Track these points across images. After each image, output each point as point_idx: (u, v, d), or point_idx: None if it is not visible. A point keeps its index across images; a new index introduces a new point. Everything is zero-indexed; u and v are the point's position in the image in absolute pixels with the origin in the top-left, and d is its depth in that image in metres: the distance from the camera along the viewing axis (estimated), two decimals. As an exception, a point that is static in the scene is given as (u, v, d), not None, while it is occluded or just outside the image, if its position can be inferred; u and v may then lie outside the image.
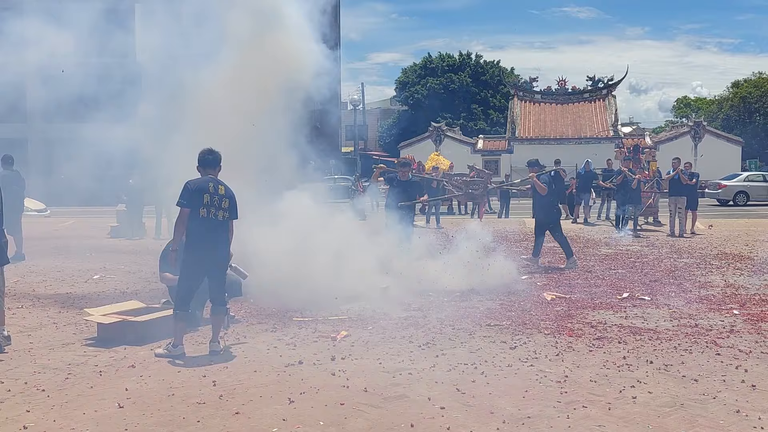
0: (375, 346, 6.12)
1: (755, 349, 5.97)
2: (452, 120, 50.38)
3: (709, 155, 36.35)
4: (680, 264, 11.24)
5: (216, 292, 6.12)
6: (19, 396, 4.85)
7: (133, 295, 8.54)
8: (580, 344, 6.15)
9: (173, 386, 5.05)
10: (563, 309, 7.69)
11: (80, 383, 5.13)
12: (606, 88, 42.24)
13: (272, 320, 7.20)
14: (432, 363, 5.59)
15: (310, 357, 5.77)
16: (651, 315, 7.40)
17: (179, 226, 5.95)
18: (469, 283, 8.76)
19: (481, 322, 7.03)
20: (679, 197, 15.69)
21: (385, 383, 5.09)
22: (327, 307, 7.58)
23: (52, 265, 11.13)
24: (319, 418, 4.39)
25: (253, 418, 4.42)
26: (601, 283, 9.43)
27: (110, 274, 10.34)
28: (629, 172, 16.03)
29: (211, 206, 5.93)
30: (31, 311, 7.71)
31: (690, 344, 6.14)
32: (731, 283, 9.40)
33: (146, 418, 4.41)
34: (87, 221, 19.81)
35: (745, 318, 7.20)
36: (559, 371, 5.34)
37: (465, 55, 61.18)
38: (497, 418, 4.39)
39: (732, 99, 58.43)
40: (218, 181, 6.10)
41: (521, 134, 40.41)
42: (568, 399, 4.73)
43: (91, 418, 4.42)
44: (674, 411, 4.51)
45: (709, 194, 29.62)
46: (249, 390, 4.96)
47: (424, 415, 4.45)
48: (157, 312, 6.78)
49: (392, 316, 7.30)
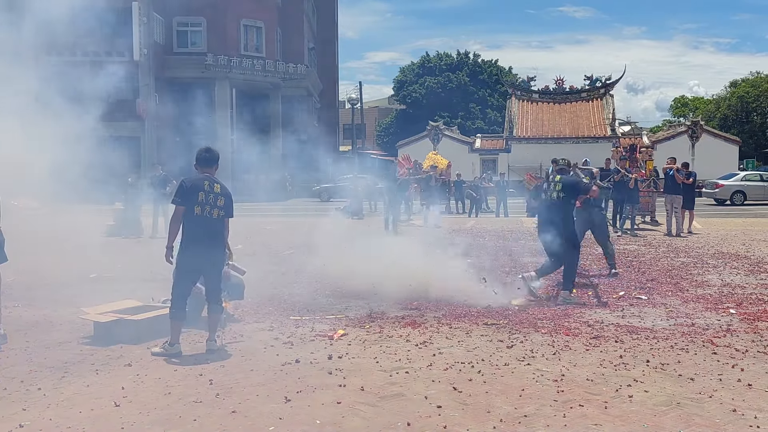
0: (372, 345, 6.12)
1: (751, 349, 5.98)
2: (450, 119, 50.47)
3: (706, 155, 36.39)
4: (677, 263, 11.25)
5: (212, 291, 6.12)
6: (16, 394, 4.84)
7: (130, 293, 8.52)
8: (577, 343, 6.15)
9: (170, 385, 5.05)
10: (560, 308, 7.69)
11: (77, 382, 5.12)
12: (604, 88, 42.29)
13: (269, 319, 7.19)
14: (429, 362, 5.59)
15: (307, 356, 5.77)
16: (648, 314, 7.41)
17: (174, 223, 5.95)
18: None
19: (478, 320, 7.03)
20: (676, 196, 15.70)
21: (382, 382, 5.09)
22: (325, 306, 7.59)
23: (48, 264, 11.09)
24: (315, 417, 4.39)
25: (249, 416, 4.42)
26: (598, 282, 9.43)
27: (107, 272, 10.32)
28: (626, 172, 16.06)
29: (206, 204, 5.93)
30: (27, 310, 7.69)
31: (686, 343, 6.15)
32: (728, 282, 9.42)
33: (143, 417, 4.40)
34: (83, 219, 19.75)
35: (741, 317, 7.21)
36: (555, 370, 5.35)
37: (463, 54, 61.24)
38: (494, 416, 4.39)
39: (729, 98, 58.56)
40: (214, 179, 6.10)
41: (519, 133, 40.44)
42: (564, 398, 4.73)
43: (87, 416, 4.41)
44: (670, 410, 4.51)
45: (706, 194, 29.67)
46: (246, 389, 4.95)
47: (421, 413, 4.45)
48: (153, 311, 6.77)
49: (389, 315, 7.31)
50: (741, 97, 56.69)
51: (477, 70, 60.29)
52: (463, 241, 9.78)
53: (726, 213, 24.19)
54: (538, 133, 40.41)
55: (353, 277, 8.64)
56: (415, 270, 8.36)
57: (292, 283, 9.19)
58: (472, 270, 8.86)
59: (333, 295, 8.47)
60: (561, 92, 42.85)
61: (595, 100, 42.19)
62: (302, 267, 10.29)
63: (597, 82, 42.55)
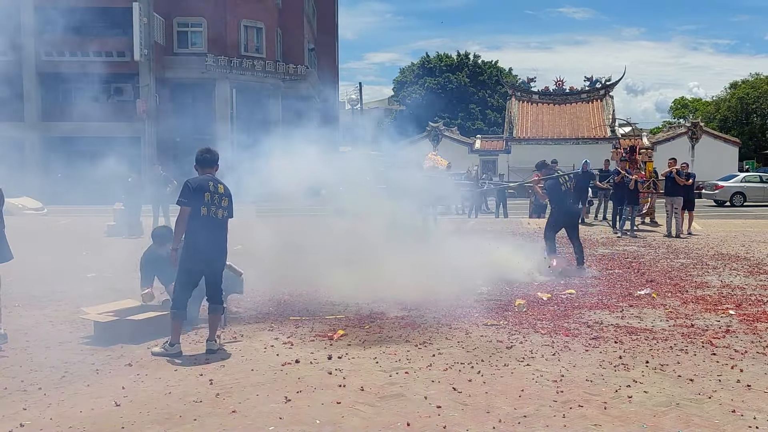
0: (372, 345, 6.13)
1: (751, 350, 5.99)
2: (450, 120, 50.47)
3: (706, 156, 36.40)
4: (677, 264, 11.26)
5: (213, 291, 6.13)
6: (16, 394, 4.85)
7: (130, 293, 8.53)
8: (577, 344, 6.16)
9: (170, 384, 5.05)
10: (560, 309, 7.70)
11: (77, 381, 5.13)
12: (603, 89, 42.33)
13: (269, 319, 7.20)
14: (428, 362, 5.60)
15: (307, 356, 5.78)
16: (647, 315, 7.41)
17: (180, 225, 5.93)
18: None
19: (477, 321, 7.04)
20: (676, 198, 15.71)
21: (382, 382, 5.10)
22: (325, 305, 7.60)
23: (49, 264, 11.10)
24: (315, 417, 4.40)
25: (249, 416, 4.43)
26: (597, 283, 9.44)
27: (107, 272, 10.33)
28: (626, 173, 16.06)
29: (211, 204, 5.93)
30: (28, 309, 7.70)
31: (686, 344, 6.16)
32: (727, 283, 9.43)
33: (143, 417, 4.41)
34: (84, 219, 19.77)
35: (741, 318, 7.22)
36: (555, 371, 5.35)
37: (463, 55, 61.27)
38: (493, 417, 4.40)
39: (729, 100, 58.58)
40: (217, 179, 6.11)
41: (519, 134, 40.47)
42: (564, 398, 4.74)
43: (87, 416, 4.42)
44: (670, 410, 4.52)
45: (706, 195, 29.69)
46: (246, 388, 4.96)
47: (421, 414, 4.46)
48: (153, 311, 6.78)
49: (389, 315, 7.31)
50: (741, 98, 56.71)
51: (477, 71, 60.34)
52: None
53: (726, 214, 24.20)
54: (537, 134, 40.44)
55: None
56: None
57: (293, 282, 9.18)
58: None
59: (333, 295, 8.46)
60: (561, 93, 42.90)
61: (594, 101, 42.24)
62: (302, 267, 10.28)
63: (597, 83, 42.59)
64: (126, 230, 15.54)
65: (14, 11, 27.60)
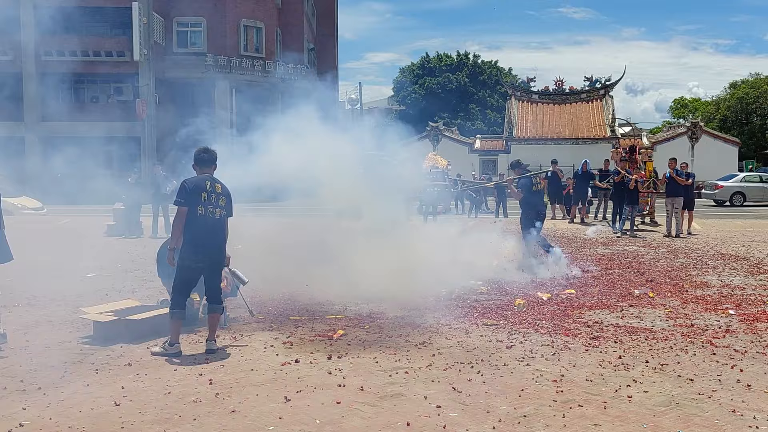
0: (371, 345, 6.13)
1: (751, 349, 5.99)
2: (450, 120, 50.46)
3: (706, 156, 36.39)
4: (677, 264, 11.26)
5: (212, 291, 6.12)
6: (16, 394, 4.85)
7: (130, 293, 8.54)
8: (576, 344, 6.16)
9: (170, 384, 5.05)
10: (559, 308, 7.70)
11: (76, 381, 5.13)
12: (603, 89, 42.31)
13: (269, 319, 7.20)
14: (428, 362, 5.59)
15: (307, 356, 5.78)
16: (647, 315, 7.41)
17: (177, 224, 5.93)
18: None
19: (477, 321, 7.03)
20: (676, 197, 15.72)
21: (382, 382, 5.09)
22: (325, 305, 7.60)
23: (49, 263, 11.10)
24: (315, 417, 4.40)
25: (249, 416, 4.42)
26: (597, 283, 9.44)
27: (107, 272, 10.33)
28: (626, 173, 16.06)
29: (209, 204, 5.93)
30: (27, 309, 7.69)
31: (686, 344, 6.16)
32: (727, 283, 9.43)
33: (142, 416, 4.41)
34: (83, 219, 19.77)
35: (740, 318, 7.22)
36: (555, 370, 5.35)
37: (463, 55, 61.26)
38: (493, 416, 4.40)
39: (729, 100, 58.57)
40: (215, 179, 6.11)
41: (518, 134, 40.44)
42: (564, 398, 4.74)
43: (87, 415, 4.42)
44: (670, 410, 4.52)
45: (706, 195, 29.69)
46: (245, 388, 4.96)
47: (421, 413, 4.45)
48: (153, 310, 6.78)
49: (388, 315, 7.31)
50: (740, 98, 56.70)
51: (477, 71, 60.34)
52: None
53: (725, 214, 24.20)
54: (537, 134, 40.41)
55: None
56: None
57: (293, 282, 9.18)
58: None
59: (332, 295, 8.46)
60: (561, 93, 42.86)
61: (594, 101, 42.21)
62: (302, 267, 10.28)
63: (597, 83, 42.57)
64: (126, 230, 15.55)
65: (14, 11, 27.61)
